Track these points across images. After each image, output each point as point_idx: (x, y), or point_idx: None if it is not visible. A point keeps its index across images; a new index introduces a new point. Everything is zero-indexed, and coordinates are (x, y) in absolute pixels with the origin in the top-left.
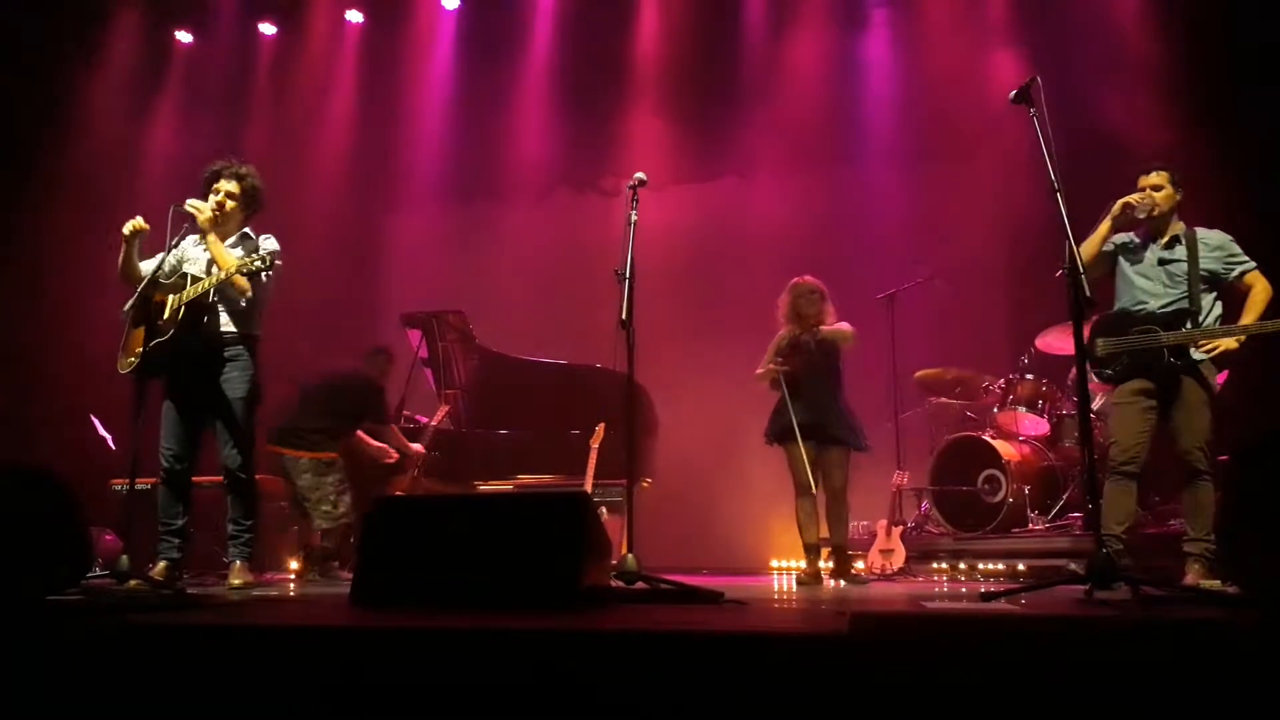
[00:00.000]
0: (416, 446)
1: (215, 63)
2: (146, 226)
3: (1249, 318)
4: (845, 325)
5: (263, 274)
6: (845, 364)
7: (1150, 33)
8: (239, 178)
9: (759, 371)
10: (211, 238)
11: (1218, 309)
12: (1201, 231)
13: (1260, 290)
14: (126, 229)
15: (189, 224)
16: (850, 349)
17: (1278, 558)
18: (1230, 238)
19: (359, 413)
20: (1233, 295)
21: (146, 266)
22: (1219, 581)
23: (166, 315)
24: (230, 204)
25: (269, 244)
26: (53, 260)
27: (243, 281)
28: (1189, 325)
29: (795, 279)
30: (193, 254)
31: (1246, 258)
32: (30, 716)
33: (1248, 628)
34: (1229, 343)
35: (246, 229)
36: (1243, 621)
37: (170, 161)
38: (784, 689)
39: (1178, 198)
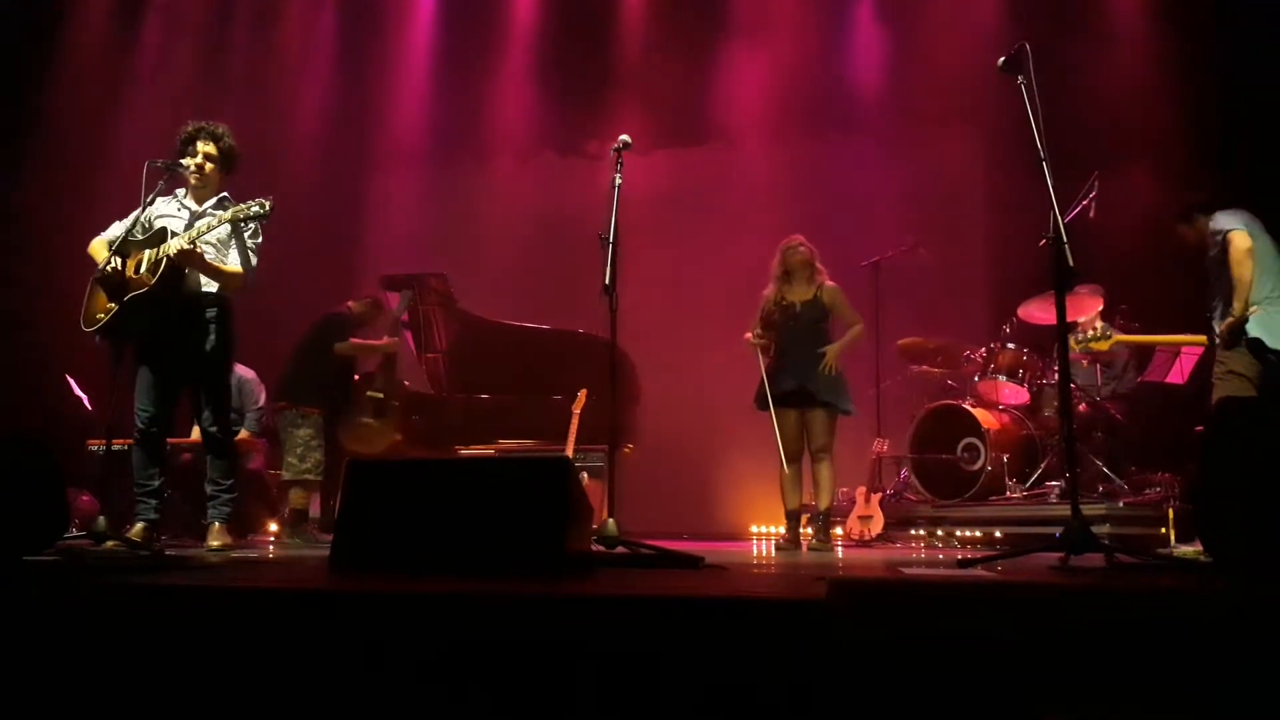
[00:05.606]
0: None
1: (193, 18)
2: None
3: None
4: (854, 328)
5: (259, 221)
6: (835, 325)
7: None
8: (215, 138)
9: (747, 336)
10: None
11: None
12: None
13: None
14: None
15: (164, 181)
16: (847, 318)
17: (1246, 525)
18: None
19: (327, 338)
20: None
21: (115, 230)
22: (1192, 549)
23: (145, 267)
24: (209, 165)
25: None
26: (26, 219)
27: (235, 274)
28: None
29: (785, 239)
30: (168, 210)
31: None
32: (6, 677)
33: (1218, 594)
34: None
35: (225, 193)
36: (1213, 588)
37: (146, 118)
38: (762, 653)
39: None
